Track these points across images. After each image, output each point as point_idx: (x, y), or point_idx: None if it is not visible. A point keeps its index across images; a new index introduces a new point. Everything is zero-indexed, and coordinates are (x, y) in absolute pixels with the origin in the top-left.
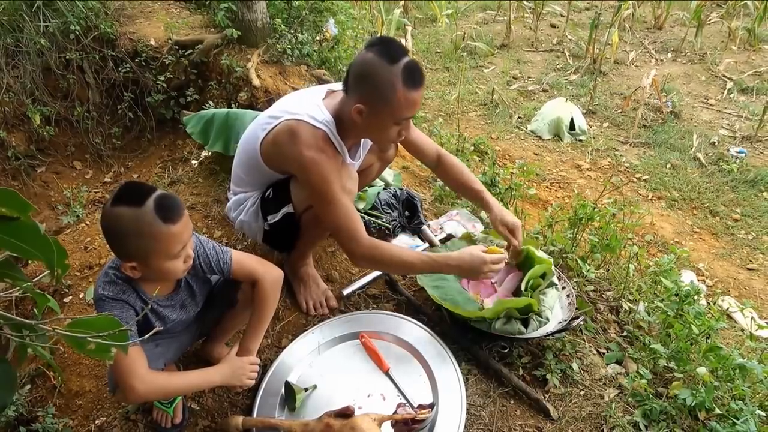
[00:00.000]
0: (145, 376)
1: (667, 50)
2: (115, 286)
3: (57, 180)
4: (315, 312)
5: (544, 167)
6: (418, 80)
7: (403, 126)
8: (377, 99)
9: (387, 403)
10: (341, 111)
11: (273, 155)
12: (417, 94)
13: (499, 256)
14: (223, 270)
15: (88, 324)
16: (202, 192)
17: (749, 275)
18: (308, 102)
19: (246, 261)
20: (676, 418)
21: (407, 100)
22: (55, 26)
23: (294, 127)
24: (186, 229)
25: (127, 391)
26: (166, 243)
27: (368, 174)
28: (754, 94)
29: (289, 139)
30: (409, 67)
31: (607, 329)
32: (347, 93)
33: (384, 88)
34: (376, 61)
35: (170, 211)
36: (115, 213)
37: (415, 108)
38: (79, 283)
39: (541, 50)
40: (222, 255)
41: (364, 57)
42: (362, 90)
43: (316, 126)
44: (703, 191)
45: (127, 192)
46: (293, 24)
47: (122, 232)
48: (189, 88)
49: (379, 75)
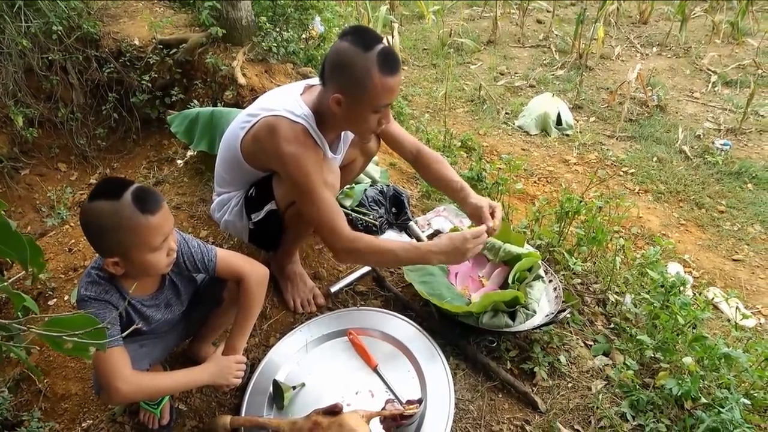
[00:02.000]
0: (129, 376)
1: (652, 44)
2: (98, 287)
3: (41, 182)
4: (302, 310)
5: (531, 162)
6: (393, 66)
7: (382, 114)
8: (354, 87)
9: (375, 400)
10: (320, 104)
11: (254, 153)
12: (394, 80)
13: (477, 229)
14: (208, 268)
15: (65, 323)
16: (188, 192)
17: (735, 266)
18: (286, 98)
19: (231, 259)
20: (662, 408)
21: (384, 86)
22: (37, 27)
23: (273, 123)
24: (166, 220)
25: (111, 392)
26: (146, 235)
27: (352, 169)
28: (738, 87)
29: (268, 135)
30: (384, 53)
31: (594, 321)
32: (324, 84)
33: (360, 75)
34: (351, 50)
35: (148, 202)
36: (94, 208)
37: (392, 94)
38: (63, 286)
39: (528, 46)
40: (206, 253)
41: (338, 46)
42: (339, 79)
43: (295, 120)
44: (688, 184)
45: (105, 187)
46: (278, 22)
47: (102, 227)
48: (174, 87)
49: (355, 63)
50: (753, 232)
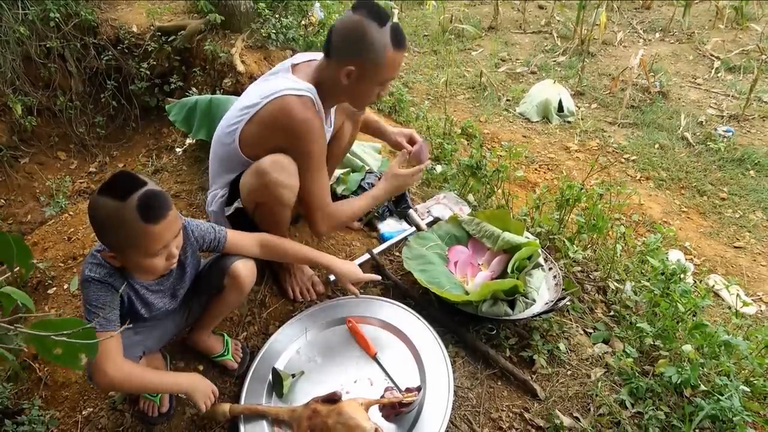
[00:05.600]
0: (120, 363)
1: (655, 30)
2: (102, 269)
3: (41, 171)
4: (302, 298)
5: (532, 149)
6: (402, 42)
7: (384, 87)
8: (370, 60)
9: (374, 388)
10: (321, 77)
11: (257, 137)
12: (401, 55)
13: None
14: (219, 246)
15: (54, 325)
16: (187, 180)
17: (736, 253)
18: (281, 80)
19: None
20: (662, 396)
21: (394, 61)
22: (35, 14)
23: (282, 102)
24: (167, 230)
25: (98, 374)
26: (143, 241)
27: (342, 136)
28: (741, 73)
29: (280, 113)
30: (396, 29)
31: (594, 309)
32: (330, 56)
33: (377, 49)
34: (369, 24)
35: (152, 210)
36: (99, 203)
37: (398, 69)
38: (63, 274)
39: (529, 32)
40: (218, 232)
41: (353, 20)
42: (353, 52)
43: (301, 94)
44: (690, 171)
45: (116, 183)
46: (277, 8)
47: (103, 223)
48: (173, 75)
49: (374, 38)
50: (755, 219)
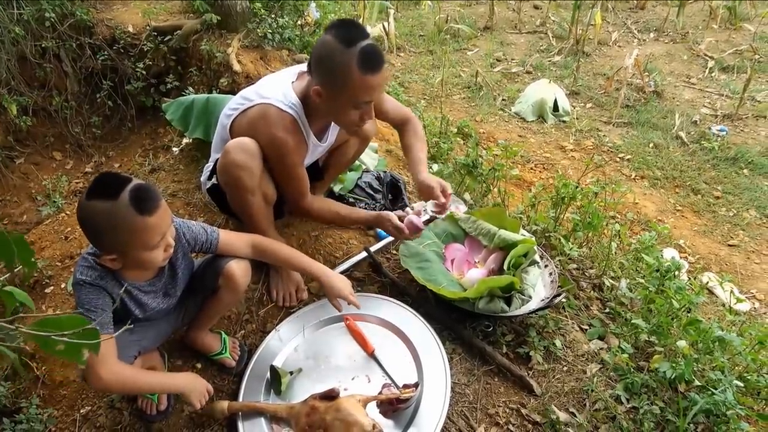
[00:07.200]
0: (113, 366)
1: (649, 30)
2: (94, 271)
3: (36, 171)
4: (283, 303)
5: (528, 149)
6: (375, 64)
7: (363, 110)
8: (333, 82)
9: (372, 385)
10: (307, 93)
11: (245, 132)
12: (374, 78)
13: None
14: (211, 247)
15: (55, 323)
16: (184, 179)
17: (730, 251)
18: (279, 86)
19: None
20: (656, 391)
21: (363, 83)
22: (30, 13)
23: (265, 111)
24: (163, 219)
25: (92, 377)
26: (143, 235)
27: (344, 152)
28: (735, 73)
29: (260, 121)
30: (366, 50)
31: (590, 306)
32: (311, 75)
33: (339, 71)
34: (333, 44)
35: (146, 202)
36: (91, 207)
37: (373, 92)
38: (60, 274)
39: (525, 32)
40: (210, 233)
41: (322, 39)
42: (319, 72)
43: (284, 110)
44: (685, 170)
45: (102, 184)
46: (274, 8)
47: (99, 227)
48: (169, 74)
49: (334, 58)
50: (748, 217)
